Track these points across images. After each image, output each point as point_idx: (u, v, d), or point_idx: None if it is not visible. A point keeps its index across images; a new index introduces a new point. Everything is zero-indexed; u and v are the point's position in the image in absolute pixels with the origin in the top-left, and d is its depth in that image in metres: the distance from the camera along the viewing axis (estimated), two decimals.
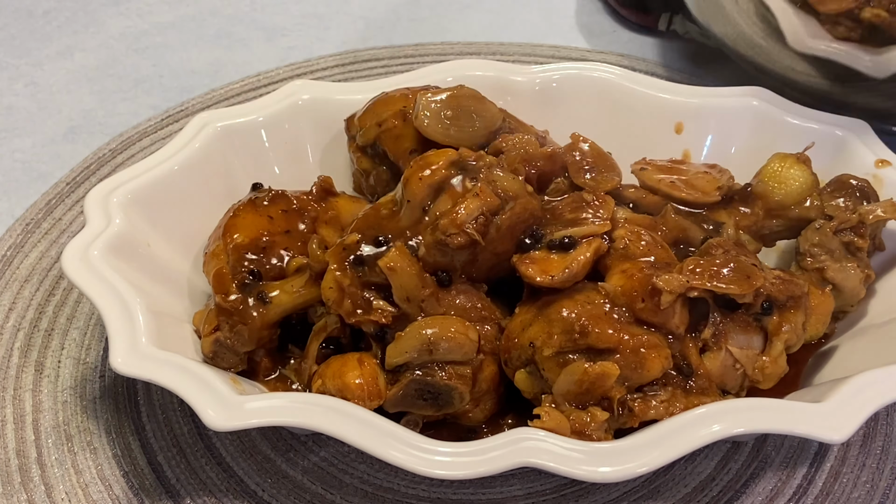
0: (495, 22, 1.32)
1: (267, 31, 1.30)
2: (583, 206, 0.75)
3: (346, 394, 0.70)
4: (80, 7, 1.34)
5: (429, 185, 0.72)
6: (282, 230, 0.79)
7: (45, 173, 1.07)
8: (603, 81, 0.93)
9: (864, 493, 0.76)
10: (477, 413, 0.74)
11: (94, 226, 0.77)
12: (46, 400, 0.83)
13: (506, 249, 0.73)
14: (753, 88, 0.92)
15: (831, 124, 0.88)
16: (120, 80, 1.21)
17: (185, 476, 0.77)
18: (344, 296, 0.72)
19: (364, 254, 0.72)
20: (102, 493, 0.76)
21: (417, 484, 0.77)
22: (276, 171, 0.90)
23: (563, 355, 0.68)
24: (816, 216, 0.79)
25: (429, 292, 0.71)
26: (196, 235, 0.84)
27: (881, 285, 0.81)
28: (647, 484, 0.77)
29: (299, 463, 0.78)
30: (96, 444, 0.80)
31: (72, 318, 0.90)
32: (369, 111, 0.86)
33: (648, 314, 0.68)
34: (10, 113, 1.16)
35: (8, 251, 0.96)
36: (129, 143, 1.10)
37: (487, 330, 0.73)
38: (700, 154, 0.92)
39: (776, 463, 0.78)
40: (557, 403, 0.68)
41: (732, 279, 0.69)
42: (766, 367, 0.71)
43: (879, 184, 0.83)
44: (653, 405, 0.67)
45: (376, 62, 1.22)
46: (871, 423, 0.80)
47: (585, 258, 0.70)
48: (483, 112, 0.82)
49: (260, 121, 0.90)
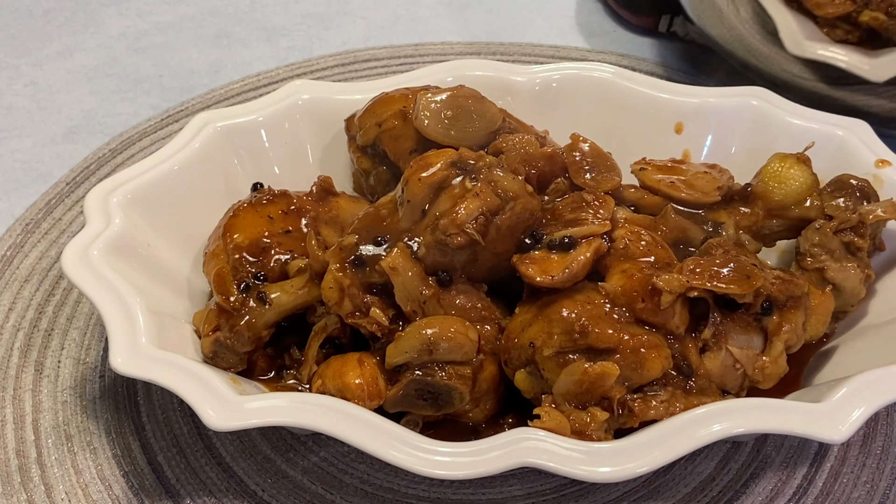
0: (495, 22, 1.32)
1: (267, 31, 1.30)
2: (583, 206, 0.75)
3: (346, 394, 0.70)
4: (80, 7, 1.34)
5: (429, 185, 0.72)
6: (282, 230, 0.79)
7: (45, 173, 1.07)
8: (603, 81, 0.93)
9: (864, 493, 0.76)
10: (477, 413, 0.74)
11: (93, 226, 0.77)
12: (46, 400, 0.83)
13: (506, 249, 0.73)
14: (753, 88, 0.92)
15: (831, 124, 0.88)
16: (120, 80, 1.21)
17: (185, 476, 0.77)
18: (344, 296, 0.72)
19: (364, 254, 0.72)
20: (102, 493, 0.76)
21: (417, 484, 0.77)
22: (276, 171, 0.90)
23: (563, 355, 0.68)
24: (816, 216, 0.79)
25: (430, 293, 0.71)
26: (196, 235, 0.84)
27: (881, 285, 0.81)
28: (647, 484, 0.77)
29: (299, 463, 0.78)
30: (96, 444, 0.80)
31: (72, 318, 0.90)
32: (369, 111, 0.86)
33: (648, 314, 0.68)
34: (10, 113, 1.16)
35: (8, 251, 0.96)
36: (129, 143, 1.09)
37: (487, 330, 0.73)
38: (700, 154, 0.92)
39: (776, 463, 0.78)
40: (557, 403, 0.68)
41: (732, 279, 0.69)
42: (766, 367, 0.71)
43: (879, 184, 0.83)
44: (653, 405, 0.67)
45: (376, 62, 1.22)
46: (871, 423, 0.80)
47: (585, 258, 0.70)
48: (483, 112, 0.82)
49: (260, 121, 0.90)
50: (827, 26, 1.00)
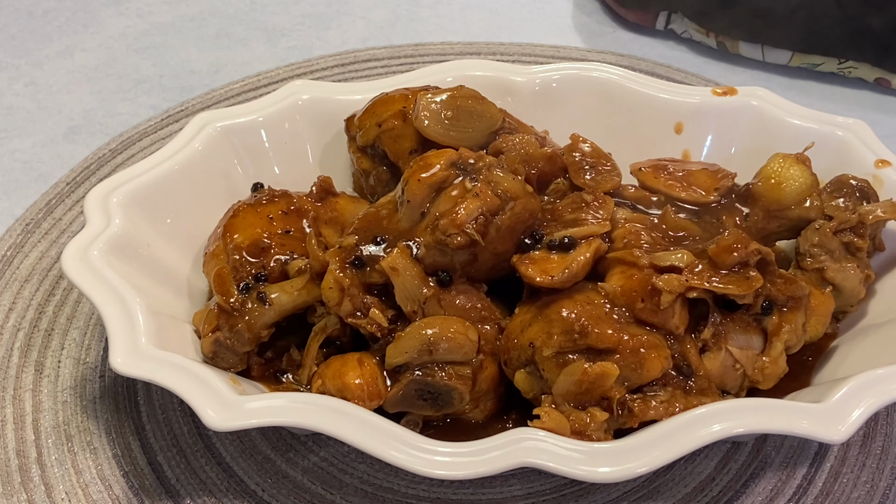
0: (495, 22, 1.32)
1: (267, 31, 1.30)
2: (583, 206, 0.75)
3: (346, 394, 0.70)
4: (80, 7, 1.34)
5: (429, 185, 0.72)
6: (282, 230, 0.79)
7: (45, 173, 1.07)
8: (603, 81, 0.93)
9: (864, 493, 0.76)
10: (476, 413, 0.74)
11: (94, 226, 0.77)
12: (46, 400, 0.83)
13: (506, 249, 0.73)
14: (753, 88, 0.92)
15: (831, 124, 0.88)
16: (120, 80, 1.21)
17: (185, 476, 0.77)
18: (344, 296, 0.72)
19: (364, 254, 0.72)
20: (102, 493, 0.76)
21: (417, 484, 0.77)
22: (276, 171, 0.90)
23: (562, 355, 0.68)
24: (816, 216, 0.79)
25: (430, 293, 0.71)
26: (196, 235, 0.84)
27: (881, 285, 0.81)
28: (647, 484, 0.77)
29: (299, 463, 0.78)
30: (96, 444, 0.80)
31: (72, 318, 0.90)
32: (369, 111, 0.86)
33: (648, 314, 0.68)
34: (10, 113, 1.16)
35: (8, 251, 0.96)
36: (129, 143, 1.09)
37: (487, 330, 0.73)
38: (700, 154, 0.92)
39: (776, 463, 0.78)
40: (557, 404, 0.68)
41: (732, 279, 0.69)
42: (766, 367, 0.71)
43: (879, 184, 0.83)
44: (652, 405, 0.67)
45: (376, 62, 1.22)
46: (871, 423, 0.80)
47: (585, 258, 0.70)
48: (483, 112, 0.82)
49: (260, 121, 0.90)
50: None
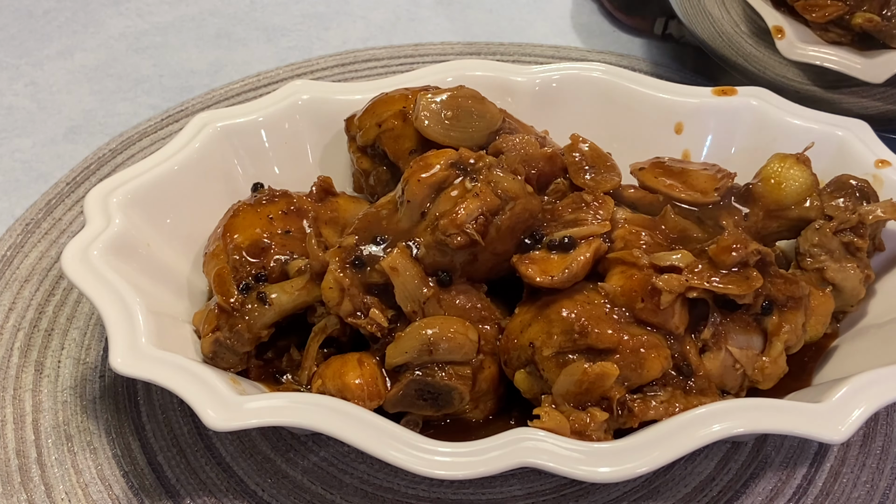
0: (495, 22, 1.32)
1: (267, 31, 1.30)
2: (582, 206, 0.75)
3: (346, 394, 0.70)
4: (80, 7, 1.34)
5: (429, 185, 0.72)
6: (282, 230, 0.79)
7: (45, 173, 1.07)
8: (603, 82, 0.93)
9: (864, 493, 0.76)
10: (476, 413, 0.74)
11: (93, 226, 0.77)
12: (46, 400, 0.83)
13: (506, 249, 0.73)
14: (753, 88, 0.92)
15: (831, 124, 0.88)
16: (120, 80, 1.21)
17: (185, 476, 0.77)
18: (344, 296, 0.72)
19: (364, 254, 0.72)
20: (102, 493, 0.76)
21: (417, 484, 0.77)
22: (276, 171, 0.90)
23: (562, 355, 0.68)
24: (816, 216, 0.79)
25: (430, 293, 0.71)
26: (196, 235, 0.84)
27: (881, 285, 0.81)
28: (647, 484, 0.77)
29: (299, 463, 0.78)
30: (96, 444, 0.80)
31: (72, 318, 0.90)
32: (369, 111, 0.86)
33: (648, 314, 0.68)
34: (10, 113, 1.16)
35: (8, 251, 0.96)
36: (129, 143, 1.09)
37: (487, 330, 0.73)
38: (700, 154, 0.92)
39: (776, 463, 0.78)
40: (557, 404, 0.68)
41: (732, 279, 0.69)
42: (766, 367, 0.71)
43: (879, 184, 0.83)
44: (652, 405, 0.67)
45: (376, 62, 1.22)
46: (871, 423, 0.80)
47: (585, 258, 0.71)
48: (483, 112, 0.82)
49: (260, 121, 0.90)
50: (819, 29, 0.99)
